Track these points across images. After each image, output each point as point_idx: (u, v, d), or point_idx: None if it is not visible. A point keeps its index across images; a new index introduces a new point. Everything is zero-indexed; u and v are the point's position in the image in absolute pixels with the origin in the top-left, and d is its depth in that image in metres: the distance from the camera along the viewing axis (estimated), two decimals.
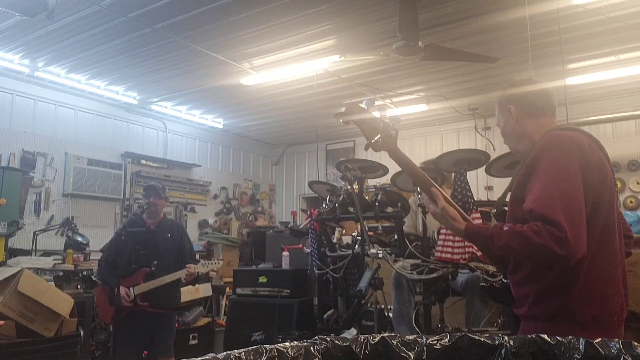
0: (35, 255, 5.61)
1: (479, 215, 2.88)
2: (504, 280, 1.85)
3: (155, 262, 3.96)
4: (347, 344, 1.05)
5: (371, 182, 6.00)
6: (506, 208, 1.84)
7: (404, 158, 1.85)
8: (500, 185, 6.44)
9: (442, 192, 1.83)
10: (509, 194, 1.81)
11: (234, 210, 8.77)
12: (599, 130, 6.65)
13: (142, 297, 3.89)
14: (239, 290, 5.33)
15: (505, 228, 1.58)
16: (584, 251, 1.50)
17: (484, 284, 2.45)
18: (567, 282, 1.58)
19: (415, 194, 3.21)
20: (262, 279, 5.16)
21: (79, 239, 5.99)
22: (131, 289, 3.86)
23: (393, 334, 1.09)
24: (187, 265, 3.99)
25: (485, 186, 7.24)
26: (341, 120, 1.89)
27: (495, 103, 1.94)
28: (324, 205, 3.62)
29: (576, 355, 1.01)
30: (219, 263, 4.31)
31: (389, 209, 3.24)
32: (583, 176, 1.57)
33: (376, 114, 1.86)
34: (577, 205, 1.53)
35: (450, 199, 1.84)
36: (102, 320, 4.67)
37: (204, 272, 4.24)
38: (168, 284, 3.94)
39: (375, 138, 1.81)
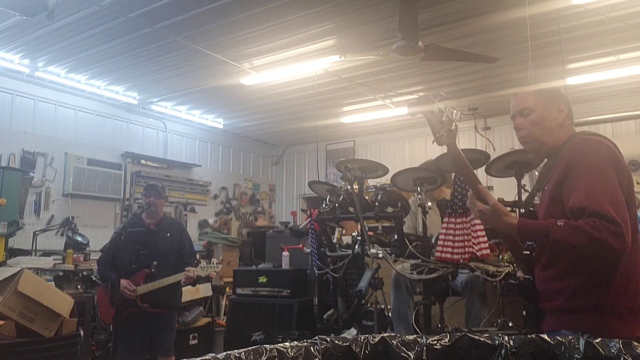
0: (35, 255, 5.61)
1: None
2: (528, 277, 1.94)
3: (155, 263, 3.96)
4: (347, 344, 1.06)
5: (371, 182, 6.00)
6: (532, 209, 1.93)
7: (459, 153, 1.94)
8: (501, 185, 6.43)
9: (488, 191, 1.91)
10: (535, 195, 1.91)
11: (234, 210, 8.77)
12: (599, 130, 6.64)
13: (142, 298, 3.89)
14: (239, 290, 5.33)
15: (559, 223, 1.67)
16: (631, 245, 1.62)
17: (512, 281, 2.52)
18: (606, 277, 1.69)
19: (415, 194, 3.21)
20: (262, 279, 5.16)
21: (79, 239, 5.99)
22: (135, 289, 3.86)
23: (393, 334, 1.09)
24: (186, 269, 3.97)
25: (485, 186, 7.23)
26: (412, 108, 1.94)
27: (537, 92, 1.97)
28: (324, 205, 3.61)
29: (576, 355, 1.01)
30: (217, 267, 4.30)
31: (389, 209, 3.24)
32: (617, 176, 1.71)
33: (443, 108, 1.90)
34: (621, 203, 1.66)
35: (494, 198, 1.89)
36: (103, 320, 4.67)
37: (203, 276, 4.24)
38: (169, 284, 3.94)
39: (441, 132, 1.86)
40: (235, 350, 0.99)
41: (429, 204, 3.09)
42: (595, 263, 1.69)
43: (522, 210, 2.18)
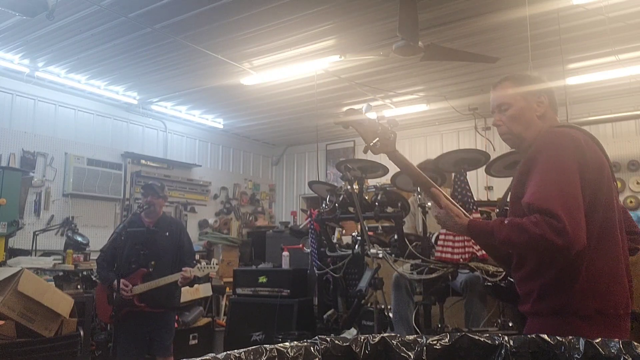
0: (35, 255, 5.61)
1: (479, 215, 2.88)
2: (509, 279, 1.86)
3: (152, 263, 3.95)
4: (347, 344, 1.06)
5: (371, 182, 6.00)
6: (507, 207, 1.84)
7: (403, 160, 1.86)
8: (500, 185, 6.44)
9: (443, 191, 1.84)
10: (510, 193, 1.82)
11: (234, 210, 8.77)
12: (599, 130, 6.65)
13: (140, 297, 3.89)
14: (239, 290, 5.33)
15: (505, 222, 1.61)
16: (583, 242, 1.52)
17: (489, 283, 2.48)
18: (569, 277, 1.60)
19: (415, 194, 3.21)
20: (262, 279, 5.16)
21: (79, 239, 5.99)
22: (130, 288, 3.86)
23: (393, 334, 1.09)
24: (183, 269, 3.96)
25: (485, 186, 7.24)
26: (341, 126, 1.90)
27: (511, 80, 1.91)
28: (324, 205, 3.61)
29: (576, 355, 1.01)
30: (215, 267, 4.29)
31: (389, 209, 3.24)
32: (580, 172, 1.60)
33: (373, 116, 1.87)
34: (574, 199, 1.55)
35: (451, 199, 1.84)
36: (101, 319, 4.67)
37: (201, 277, 4.23)
38: (166, 284, 3.94)
39: (374, 141, 1.82)
40: (235, 350, 0.99)
41: (429, 204, 3.09)
42: (559, 263, 1.60)
43: (497, 211, 2.13)
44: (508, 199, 1.85)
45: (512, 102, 1.85)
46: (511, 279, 1.84)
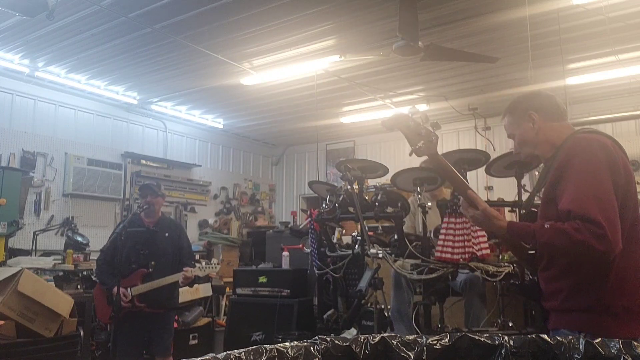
0: (35, 255, 5.61)
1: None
2: (531, 277, 1.96)
3: (152, 263, 3.95)
4: (347, 344, 1.06)
5: (371, 182, 6.00)
6: (533, 210, 1.93)
7: (444, 162, 1.94)
8: (501, 185, 6.43)
9: (478, 195, 1.91)
10: (535, 196, 1.92)
11: (234, 210, 8.77)
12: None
13: (140, 298, 3.88)
14: (239, 290, 5.33)
15: (546, 226, 1.68)
16: (620, 246, 1.60)
17: (514, 282, 2.56)
18: (600, 277, 1.69)
19: (415, 194, 3.21)
20: (262, 279, 5.16)
21: (79, 239, 5.99)
22: (129, 289, 3.85)
23: (393, 334, 1.09)
24: (184, 269, 3.97)
25: (485, 186, 7.24)
26: (386, 128, 1.94)
27: (506, 115, 2.03)
28: (324, 205, 3.61)
29: (576, 355, 1.01)
30: (216, 267, 4.29)
31: (389, 209, 3.24)
32: (611, 176, 1.68)
33: (419, 120, 1.90)
34: (610, 204, 1.63)
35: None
36: (100, 320, 4.67)
37: (202, 276, 4.23)
38: (167, 284, 3.94)
39: (419, 144, 1.86)
40: (235, 350, 0.99)
41: (429, 204, 3.09)
42: (589, 264, 1.69)
43: (523, 211, 2.19)
44: (536, 201, 1.94)
45: (513, 132, 2.01)
46: (532, 277, 1.94)
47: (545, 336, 1.07)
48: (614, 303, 1.67)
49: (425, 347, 1.05)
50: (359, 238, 3.31)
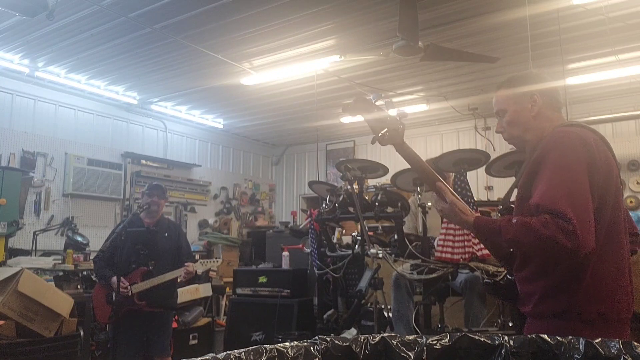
0: (35, 255, 5.61)
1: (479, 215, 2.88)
2: (509, 277, 1.83)
3: (152, 263, 3.96)
4: (347, 344, 1.05)
5: (371, 182, 6.00)
6: (512, 205, 1.81)
7: (411, 152, 1.81)
8: (501, 185, 6.44)
9: (449, 187, 1.81)
10: (515, 190, 1.79)
11: (234, 210, 8.77)
12: (598, 130, 6.61)
13: (140, 296, 3.89)
14: (239, 290, 5.33)
15: (513, 221, 1.58)
16: (592, 245, 1.49)
17: (488, 281, 2.47)
18: (574, 280, 1.57)
19: (415, 194, 3.21)
20: (262, 279, 5.16)
21: (79, 239, 5.99)
22: (129, 287, 3.86)
23: (393, 334, 1.09)
24: (186, 264, 3.99)
25: (485, 186, 7.24)
26: (347, 113, 1.84)
27: (506, 85, 1.87)
28: (324, 205, 3.62)
29: (576, 355, 1.01)
30: (217, 262, 4.30)
31: (389, 209, 3.25)
32: (589, 173, 1.57)
33: (383, 107, 1.82)
34: (583, 200, 1.52)
35: (456, 195, 1.81)
36: (99, 320, 4.67)
37: (203, 271, 4.23)
38: (165, 284, 3.94)
39: (382, 132, 1.77)
40: (235, 350, 0.99)
41: (429, 204, 3.09)
42: (563, 265, 1.58)
43: (500, 207, 2.09)
44: (512, 198, 1.82)
45: (506, 108, 1.84)
46: (510, 277, 1.82)
47: (545, 336, 1.06)
48: (589, 309, 1.55)
49: (425, 347, 1.05)
50: (359, 238, 3.32)
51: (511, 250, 1.79)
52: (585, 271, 1.56)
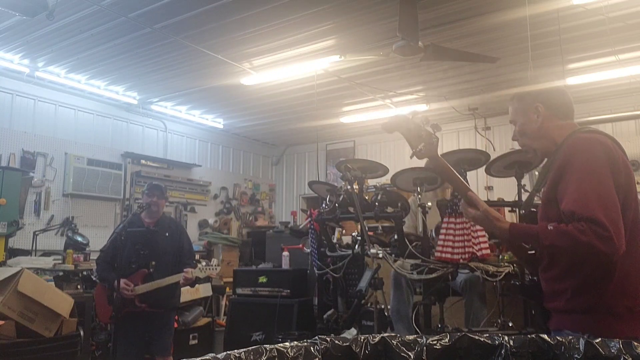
0: (35, 255, 5.61)
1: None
2: (532, 277, 1.96)
3: (153, 263, 3.95)
4: (347, 344, 1.06)
5: (371, 182, 5.99)
6: (533, 210, 1.93)
7: (444, 164, 1.93)
8: (501, 185, 6.43)
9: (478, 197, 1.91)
10: (533, 195, 1.92)
11: (234, 210, 8.77)
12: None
13: (141, 297, 3.88)
14: (239, 290, 5.33)
15: (550, 227, 1.67)
16: (624, 248, 1.60)
17: (515, 282, 2.57)
18: (603, 277, 1.68)
19: (415, 194, 3.21)
20: (262, 279, 5.16)
21: (79, 239, 5.99)
22: (132, 287, 3.86)
23: (393, 334, 1.09)
24: (185, 270, 3.97)
25: (485, 186, 7.24)
26: (386, 131, 1.91)
27: (514, 100, 2.01)
28: (324, 205, 3.61)
29: (576, 355, 1.01)
30: (216, 268, 4.29)
31: (389, 209, 3.24)
32: (613, 176, 1.68)
33: (419, 121, 1.88)
34: (613, 204, 1.63)
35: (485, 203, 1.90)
36: (100, 319, 4.67)
37: (202, 277, 4.24)
38: (168, 284, 3.94)
39: (420, 147, 1.85)
40: (235, 350, 0.99)
41: (429, 204, 3.09)
42: (592, 264, 1.69)
43: (522, 212, 2.19)
44: (536, 201, 1.93)
45: (516, 119, 1.99)
46: (532, 278, 1.94)
47: (545, 336, 1.07)
48: (617, 303, 1.67)
49: (425, 347, 1.06)
50: (359, 238, 3.31)
51: (533, 252, 1.91)
52: (613, 269, 1.67)
